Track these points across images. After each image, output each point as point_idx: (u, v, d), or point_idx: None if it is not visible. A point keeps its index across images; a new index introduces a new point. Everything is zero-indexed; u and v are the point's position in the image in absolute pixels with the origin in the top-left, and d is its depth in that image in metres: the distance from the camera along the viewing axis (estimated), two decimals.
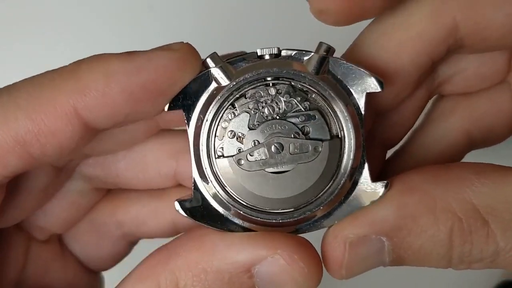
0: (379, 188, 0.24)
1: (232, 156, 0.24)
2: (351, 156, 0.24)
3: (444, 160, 0.30)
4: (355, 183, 0.25)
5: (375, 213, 0.24)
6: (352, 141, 0.24)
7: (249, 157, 0.24)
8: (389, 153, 0.32)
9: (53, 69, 0.24)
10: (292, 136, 0.24)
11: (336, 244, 0.24)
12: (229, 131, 0.25)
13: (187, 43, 0.24)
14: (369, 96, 0.25)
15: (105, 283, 0.35)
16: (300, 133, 0.24)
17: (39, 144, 0.23)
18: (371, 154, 0.29)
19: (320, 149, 0.24)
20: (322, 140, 0.24)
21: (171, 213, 0.26)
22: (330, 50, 0.25)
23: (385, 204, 0.24)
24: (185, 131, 0.25)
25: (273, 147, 0.24)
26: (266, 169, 0.24)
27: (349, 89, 0.25)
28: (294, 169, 0.24)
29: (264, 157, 0.24)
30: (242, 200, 0.25)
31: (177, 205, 0.25)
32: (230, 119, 0.24)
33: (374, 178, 0.25)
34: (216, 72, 0.24)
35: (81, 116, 0.23)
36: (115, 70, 0.23)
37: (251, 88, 0.24)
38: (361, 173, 0.25)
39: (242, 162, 0.24)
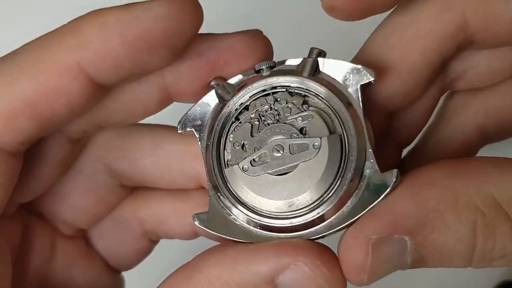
0: (388, 178, 0.23)
1: (237, 164, 0.25)
2: (355, 150, 0.24)
3: (458, 155, 0.30)
4: (364, 177, 0.24)
5: (396, 210, 0.22)
6: (353, 135, 0.24)
7: (253, 163, 0.25)
8: (404, 152, 0.32)
9: (51, 31, 0.24)
10: (290, 136, 0.25)
11: (358, 246, 0.22)
12: (234, 143, 0.25)
13: None
14: (366, 88, 0.25)
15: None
16: (298, 133, 0.25)
17: (48, 103, 0.23)
18: (386, 153, 0.29)
19: (319, 144, 0.24)
20: (320, 137, 0.24)
21: (192, 212, 0.26)
22: (321, 53, 0.25)
23: (406, 201, 0.23)
24: None
25: (273, 149, 0.25)
26: (270, 172, 0.25)
27: (343, 85, 0.25)
28: (297, 168, 0.24)
29: (267, 161, 0.25)
30: (254, 208, 0.25)
31: (194, 219, 0.26)
32: (235, 132, 0.25)
33: (383, 169, 0.24)
34: (219, 90, 0.26)
35: (85, 71, 0.23)
36: (113, 21, 0.23)
37: (252, 100, 0.26)
38: (369, 166, 0.24)
39: (247, 168, 0.25)
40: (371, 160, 0.24)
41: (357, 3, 0.24)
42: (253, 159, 0.25)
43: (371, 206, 0.23)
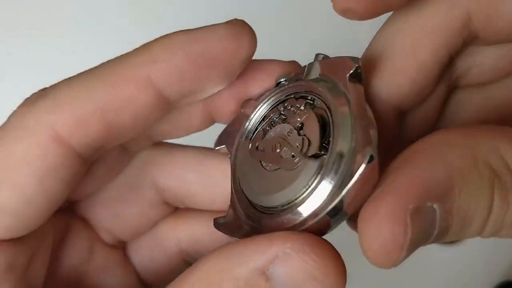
0: (360, 158, 0.22)
1: (250, 140, 0.27)
2: (338, 142, 0.23)
3: None
4: (344, 162, 0.23)
5: (424, 175, 0.21)
6: (341, 127, 0.23)
7: (258, 147, 0.26)
8: None
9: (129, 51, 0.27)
10: (287, 134, 0.26)
11: (395, 219, 0.20)
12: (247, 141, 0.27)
13: (242, 20, 0.26)
14: (353, 76, 0.24)
15: None
16: (294, 129, 0.25)
17: (117, 112, 0.25)
18: (398, 153, 0.28)
19: (298, 161, 0.24)
20: (305, 155, 0.24)
21: (225, 235, 0.27)
22: (326, 57, 0.26)
23: (431, 165, 0.21)
24: None
25: (274, 145, 0.26)
26: (262, 162, 0.26)
27: (334, 79, 0.25)
28: (280, 170, 0.25)
29: (265, 151, 0.26)
30: (261, 206, 0.25)
31: (214, 223, 0.27)
32: (252, 140, 0.27)
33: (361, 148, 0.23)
34: (246, 109, 0.28)
35: (153, 84, 0.25)
36: (179, 41, 0.25)
37: (269, 111, 0.27)
38: (347, 148, 0.23)
39: (251, 148, 0.27)
40: (352, 144, 0.22)
41: (372, 4, 0.25)
42: (258, 144, 0.27)
43: (349, 185, 0.22)
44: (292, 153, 0.25)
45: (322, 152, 0.23)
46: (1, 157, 0.25)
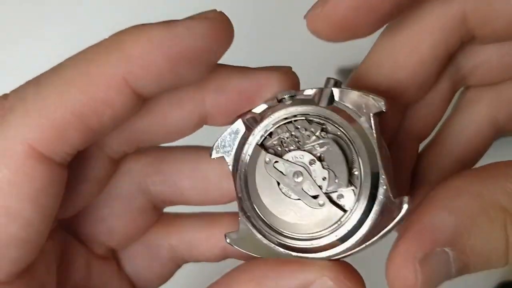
0: (399, 204, 0.25)
1: (266, 151, 0.27)
2: (369, 177, 0.25)
3: (472, 148, 0.31)
4: (378, 202, 0.25)
5: (433, 224, 0.24)
6: (367, 161, 0.25)
7: (275, 164, 0.27)
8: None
9: (93, 44, 0.25)
10: (310, 163, 0.26)
11: (407, 267, 0.23)
12: (264, 149, 0.27)
13: (221, 11, 0.25)
14: (377, 116, 0.26)
15: None
16: (316, 159, 0.26)
17: (96, 115, 0.24)
18: (404, 148, 0.30)
19: (322, 204, 0.26)
20: (331, 201, 0.26)
21: (222, 239, 0.27)
22: (337, 83, 0.27)
23: (440, 213, 0.24)
24: None
25: (295, 172, 0.26)
26: (279, 184, 0.26)
27: (357, 113, 0.26)
28: (300, 202, 0.26)
29: (283, 172, 0.26)
30: (279, 229, 0.26)
31: (226, 238, 0.27)
32: None
33: (396, 192, 0.25)
34: (246, 119, 0.28)
35: (130, 84, 0.24)
36: (156, 38, 0.24)
37: (275, 128, 0.27)
38: (382, 192, 0.25)
39: (269, 161, 0.27)
40: (384, 187, 0.25)
41: (335, 33, 0.26)
42: (277, 162, 0.27)
43: (386, 230, 0.25)
44: (316, 193, 0.26)
45: (351, 188, 0.26)
46: None
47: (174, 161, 0.30)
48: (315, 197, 0.26)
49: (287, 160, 0.26)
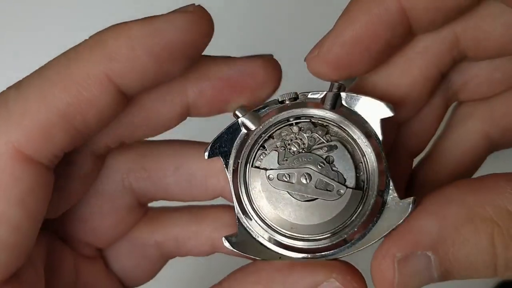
0: (406, 205, 0.26)
1: (265, 170, 0.27)
2: (376, 179, 0.26)
3: (466, 163, 0.32)
4: (384, 203, 0.26)
5: (417, 228, 0.24)
6: (375, 165, 0.26)
7: (279, 177, 0.26)
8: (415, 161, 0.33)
9: (75, 45, 0.25)
10: (319, 166, 0.26)
11: (386, 265, 0.24)
12: (261, 169, 0.27)
13: (199, 5, 0.25)
14: (384, 121, 0.27)
15: None
16: (325, 162, 0.26)
17: (80, 115, 0.24)
18: (398, 163, 0.30)
19: (343, 193, 0.26)
20: (346, 187, 0.26)
21: (210, 234, 0.27)
22: (341, 87, 0.27)
23: (426, 219, 0.24)
24: None
25: (303, 175, 0.26)
26: (290, 192, 0.26)
27: (363, 118, 0.27)
28: (317, 201, 0.26)
29: (292, 181, 0.26)
30: (281, 230, 0.26)
31: (225, 241, 0.27)
32: (262, 159, 0.27)
33: (402, 195, 0.26)
34: (245, 120, 0.27)
35: (113, 82, 0.24)
36: (137, 34, 0.24)
37: (277, 129, 0.27)
38: (388, 193, 0.26)
39: (272, 177, 0.26)
40: (391, 188, 0.26)
41: (336, 71, 0.27)
42: (280, 174, 0.26)
43: (391, 229, 0.26)
44: (328, 188, 0.26)
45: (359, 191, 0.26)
46: None
47: (158, 156, 0.30)
48: (330, 190, 0.26)
49: (289, 167, 0.27)
